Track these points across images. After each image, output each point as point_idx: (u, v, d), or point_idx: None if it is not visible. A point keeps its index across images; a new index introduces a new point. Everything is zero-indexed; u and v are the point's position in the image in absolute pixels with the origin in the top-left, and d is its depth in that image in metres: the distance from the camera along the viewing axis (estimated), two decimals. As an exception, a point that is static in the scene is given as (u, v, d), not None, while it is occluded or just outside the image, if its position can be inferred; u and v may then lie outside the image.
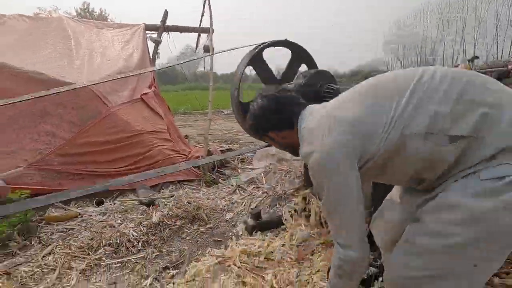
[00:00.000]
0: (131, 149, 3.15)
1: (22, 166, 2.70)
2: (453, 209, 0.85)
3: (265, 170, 3.70)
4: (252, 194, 3.13)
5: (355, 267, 1.02)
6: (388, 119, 0.92)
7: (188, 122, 8.02)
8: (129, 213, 2.63)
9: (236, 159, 4.10)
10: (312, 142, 1.03)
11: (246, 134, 6.53)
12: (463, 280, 0.88)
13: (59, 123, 3.00)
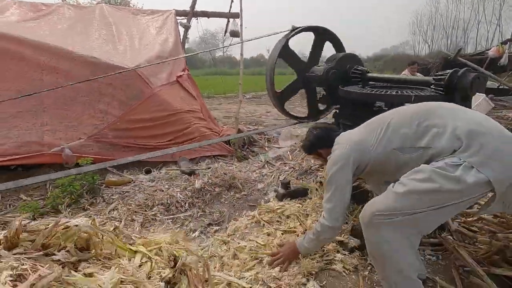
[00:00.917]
0: (171, 126, 3.52)
1: (83, 138, 3.13)
2: (422, 172, 1.26)
3: (290, 148, 3.98)
4: (280, 168, 3.44)
5: (323, 232, 1.59)
6: (374, 140, 1.46)
7: (213, 105, 8.36)
8: (174, 180, 3.02)
9: (263, 138, 4.40)
10: (332, 152, 1.61)
11: (270, 116, 6.80)
12: (410, 217, 1.24)
13: (111, 101, 3.39)
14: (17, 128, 2.97)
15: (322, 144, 1.77)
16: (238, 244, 2.07)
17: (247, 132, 3.99)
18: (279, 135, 4.66)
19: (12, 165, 2.84)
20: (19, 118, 3.02)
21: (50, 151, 2.93)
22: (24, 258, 0.87)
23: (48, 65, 3.20)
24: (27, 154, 2.87)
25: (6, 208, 2.56)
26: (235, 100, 9.05)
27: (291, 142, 4.32)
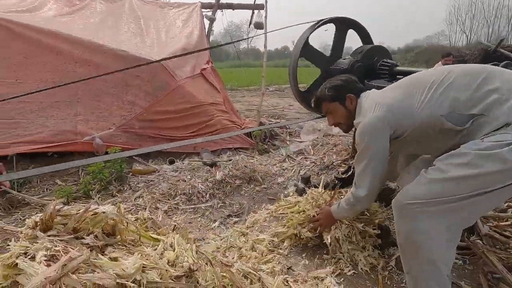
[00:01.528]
0: (195, 118, 3.59)
1: (112, 128, 3.29)
2: (461, 155, 1.13)
3: (312, 143, 3.93)
4: (301, 163, 3.41)
5: (358, 203, 1.52)
6: (418, 103, 1.28)
7: (236, 97, 8.41)
8: (196, 171, 3.09)
9: (284, 131, 4.37)
10: (362, 116, 1.44)
11: (292, 110, 6.73)
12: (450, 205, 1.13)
13: (138, 93, 3.52)
14: (53, 118, 3.18)
15: (339, 96, 1.55)
16: (257, 236, 2.10)
17: (269, 125, 3.98)
18: (301, 129, 4.61)
19: (49, 152, 3.05)
20: (55, 108, 3.23)
21: (83, 140, 3.11)
22: (57, 240, 0.94)
23: (81, 58, 3.37)
24: (62, 142, 3.07)
25: (43, 191, 2.76)
26: (258, 92, 9.03)
27: (313, 136, 4.26)
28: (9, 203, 2.48)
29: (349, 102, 1.55)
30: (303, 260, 1.90)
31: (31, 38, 3.25)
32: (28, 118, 3.09)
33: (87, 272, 0.86)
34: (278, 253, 1.95)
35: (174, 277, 1.01)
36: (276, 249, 1.99)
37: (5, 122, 2.98)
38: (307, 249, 2.01)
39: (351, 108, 1.55)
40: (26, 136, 2.99)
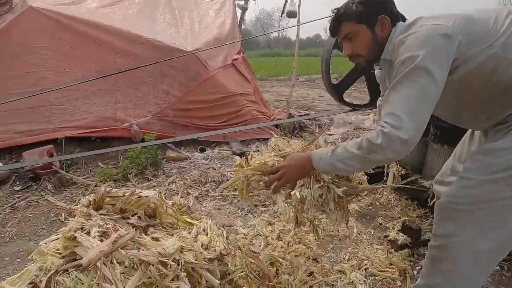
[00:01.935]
0: (225, 108, 3.68)
1: (148, 116, 3.47)
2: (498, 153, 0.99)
3: (342, 136, 3.86)
4: (329, 156, 3.37)
5: (387, 146, 0.93)
6: (493, 30, 0.95)
7: (265, 88, 8.40)
8: (225, 160, 3.19)
9: (313, 123, 4.33)
10: (415, 28, 1.01)
11: (322, 101, 6.60)
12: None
13: (172, 83, 3.66)
14: (96, 105, 3.42)
15: (369, 16, 1.10)
16: (283, 227, 2.16)
17: (298, 117, 3.96)
18: (331, 122, 4.53)
19: (92, 136, 3.30)
20: (97, 96, 3.46)
21: (122, 126, 3.32)
22: (107, 218, 1.05)
23: (121, 49, 3.55)
24: (104, 128, 3.30)
25: (87, 173, 3.02)
26: (287, 83, 8.94)
27: (344, 129, 4.18)
28: (59, 181, 2.75)
29: (380, 26, 1.12)
30: (329, 253, 1.93)
31: (77, 30, 3.48)
32: (75, 105, 3.35)
33: (133, 249, 0.96)
34: (304, 244, 1.99)
35: (207, 259, 1.09)
36: (302, 240, 2.03)
37: (56, 108, 3.27)
38: (334, 242, 2.03)
39: (381, 36, 1.12)
40: (73, 122, 3.26)
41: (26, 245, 2.05)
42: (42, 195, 2.62)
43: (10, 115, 3.17)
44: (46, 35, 3.46)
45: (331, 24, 1.20)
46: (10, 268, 1.84)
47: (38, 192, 2.65)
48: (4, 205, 2.47)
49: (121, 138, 3.33)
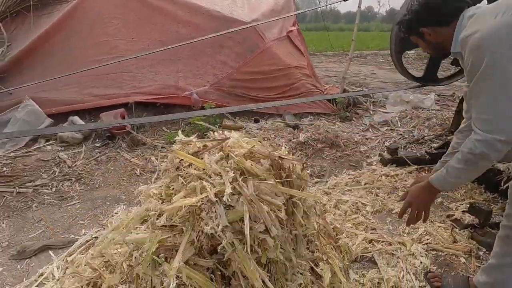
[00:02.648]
0: (280, 80, 3.69)
1: (206, 86, 3.64)
2: None
3: (400, 115, 3.68)
4: (386, 134, 3.27)
5: (490, 152, 0.97)
6: None
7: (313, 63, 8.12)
8: (279, 132, 3.27)
9: (368, 100, 4.17)
10: (476, 25, 1.03)
11: (375, 79, 6.26)
12: None
13: (229, 53, 3.75)
14: (160, 73, 3.65)
15: (430, 19, 1.19)
16: (340, 197, 2.21)
17: (353, 92, 3.85)
18: (386, 100, 4.32)
19: (157, 102, 3.57)
20: (162, 65, 3.69)
21: (183, 94, 3.53)
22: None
23: (183, 19, 3.69)
24: (167, 95, 3.54)
25: (154, 135, 3.31)
26: (336, 58, 8.56)
27: (401, 107, 3.97)
28: (132, 141, 3.07)
29: (428, 36, 1.22)
30: (387, 226, 1.95)
31: (144, 1, 3.67)
32: (142, 73, 3.62)
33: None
34: (362, 215, 2.03)
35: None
36: (359, 211, 2.08)
37: (127, 75, 3.57)
38: (392, 216, 2.04)
39: (434, 41, 1.22)
40: (141, 88, 3.54)
41: (112, 192, 2.38)
42: (119, 152, 2.96)
43: (89, 80, 3.54)
44: (117, 7, 3.71)
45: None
46: (103, 208, 2.18)
47: (115, 149, 3.00)
48: (90, 158, 2.86)
49: (182, 105, 3.56)
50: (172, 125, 3.49)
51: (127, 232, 1.04)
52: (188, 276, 0.91)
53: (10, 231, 1.99)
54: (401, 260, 1.67)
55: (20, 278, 1.61)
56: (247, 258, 0.92)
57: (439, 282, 1.50)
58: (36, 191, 2.39)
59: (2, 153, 2.94)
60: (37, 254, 1.77)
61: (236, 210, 0.96)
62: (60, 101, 3.40)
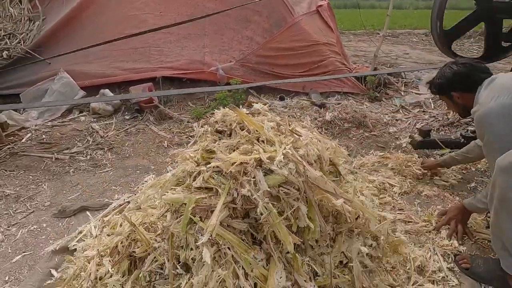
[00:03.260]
0: (307, 57, 3.58)
1: (232, 62, 3.60)
2: None
3: (434, 96, 3.48)
4: (418, 116, 3.13)
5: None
6: None
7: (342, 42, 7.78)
8: (305, 110, 3.21)
9: (399, 81, 3.97)
10: (481, 104, 1.33)
11: (407, 59, 5.92)
12: None
13: (256, 29, 3.66)
14: (187, 48, 3.65)
15: (459, 85, 1.49)
16: (367, 176, 2.17)
17: (385, 70, 3.67)
18: (419, 81, 4.09)
19: (183, 78, 3.60)
20: (188, 40, 3.68)
21: (209, 70, 3.53)
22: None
23: (209, -8, 3.62)
24: (193, 70, 3.55)
25: (180, 110, 3.37)
26: (367, 37, 8.14)
27: (435, 89, 3.75)
28: (159, 115, 3.15)
29: (456, 98, 1.52)
30: (415, 207, 1.91)
31: (172, -27, 3.62)
32: (169, 47, 3.64)
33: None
34: (389, 195, 1.99)
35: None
36: (386, 191, 2.04)
37: (154, 49, 3.60)
38: (420, 198, 1.99)
39: (461, 103, 1.52)
40: (167, 63, 3.57)
41: (141, 162, 2.48)
42: (147, 125, 3.05)
43: (118, 54, 3.61)
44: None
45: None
46: (133, 176, 2.28)
47: (143, 122, 3.10)
48: (120, 130, 2.97)
49: (207, 81, 3.56)
50: (198, 100, 3.52)
51: (164, 191, 1.08)
52: (222, 236, 0.94)
53: (51, 192, 2.15)
54: (429, 241, 1.64)
55: (62, 234, 1.75)
56: (281, 222, 0.93)
57: (468, 264, 1.47)
58: (73, 158, 2.54)
59: (41, 122, 3.12)
60: (76, 214, 1.90)
61: (274, 175, 0.97)
62: (92, 74, 3.50)
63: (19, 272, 1.53)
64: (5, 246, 1.69)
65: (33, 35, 3.84)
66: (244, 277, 0.92)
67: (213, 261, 0.93)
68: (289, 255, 1.02)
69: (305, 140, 1.26)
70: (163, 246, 1.09)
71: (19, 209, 1.98)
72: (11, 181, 2.25)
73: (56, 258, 1.53)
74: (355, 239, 1.19)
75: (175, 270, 1.03)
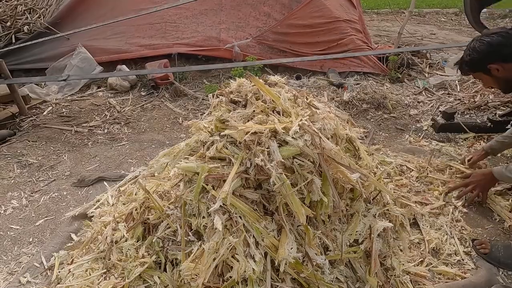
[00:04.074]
0: (327, 34, 3.43)
1: (248, 39, 3.51)
2: None
3: (460, 78, 3.29)
4: (442, 98, 2.97)
5: None
6: None
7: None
8: (322, 89, 3.12)
9: (424, 62, 3.76)
10: None
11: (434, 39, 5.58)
12: None
13: (274, 4, 3.52)
14: (203, 24, 3.58)
15: (497, 56, 1.35)
16: (383, 159, 2.11)
17: (410, 47, 3.48)
18: (445, 62, 3.86)
19: (199, 54, 3.56)
20: (204, 15, 3.60)
21: (224, 47, 3.46)
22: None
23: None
24: (209, 47, 3.50)
25: (195, 87, 3.35)
26: (391, 16, 7.71)
27: (462, 71, 3.53)
28: (174, 91, 3.15)
29: (495, 71, 1.39)
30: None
31: None
32: (185, 23, 3.58)
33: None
34: (406, 177, 1.93)
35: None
36: (403, 174, 1.98)
37: (170, 25, 3.55)
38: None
39: (502, 75, 1.38)
40: (183, 39, 3.53)
41: (156, 137, 2.51)
42: (162, 101, 3.06)
43: (134, 30, 3.60)
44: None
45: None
46: (149, 150, 2.32)
47: (159, 99, 3.11)
48: (136, 105, 3.00)
49: (223, 58, 3.50)
50: (213, 78, 3.49)
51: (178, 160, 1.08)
52: (234, 204, 0.94)
53: (71, 163, 2.22)
54: (445, 224, 1.59)
55: (81, 202, 1.82)
56: (294, 193, 0.91)
57: (486, 249, 1.42)
58: (91, 131, 2.61)
59: (61, 96, 3.19)
60: (94, 184, 1.97)
61: (289, 147, 0.95)
62: (109, 50, 3.52)
63: (42, 235, 1.61)
64: (29, 210, 1.79)
65: (52, 9, 3.87)
66: (255, 246, 0.92)
67: (224, 229, 0.93)
68: (301, 227, 1.01)
69: (322, 114, 1.22)
70: (176, 214, 1.11)
71: (41, 177, 2.07)
72: (34, 151, 2.34)
73: (75, 223, 1.60)
74: (371, 217, 1.16)
75: (187, 237, 1.05)
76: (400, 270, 1.27)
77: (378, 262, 1.19)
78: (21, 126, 2.68)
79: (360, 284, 1.18)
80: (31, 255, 1.48)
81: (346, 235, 1.10)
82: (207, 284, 0.93)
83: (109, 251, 1.19)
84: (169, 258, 1.11)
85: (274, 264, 0.97)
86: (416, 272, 1.32)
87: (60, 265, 1.34)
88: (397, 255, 1.36)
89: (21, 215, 1.75)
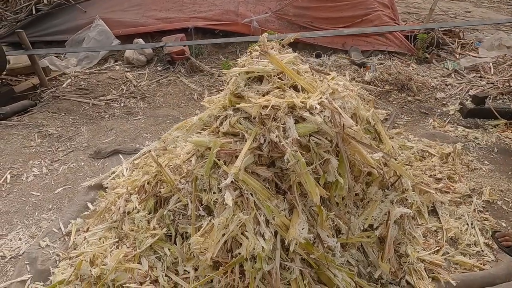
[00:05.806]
0: (351, 9, 3.23)
1: (268, 13, 3.36)
2: None
3: (495, 61, 3.04)
4: (472, 82, 2.77)
5: None
6: None
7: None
8: (342, 69, 2.97)
9: (456, 42, 3.49)
10: None
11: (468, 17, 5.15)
12: None
13: (297, -24, 3.31)
14: (220, -3, 3.44)
15: None
16: (404, 143, 2.01)
17: (441, 23, 3.23)
18: (479, 44, 3.56)
19: (216, 29, 3.45)
20: (222, -13, 3.45)
21: (242, 22, 3.33)
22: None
23: None
24: (226, 22, 3.38)
25: (211, 63, 3.29)
26: (421, -8, 7.14)
27: (498, 53, 3.25)
28: (190, 67, 3.10)
29: None
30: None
31: None
32: (203, -4, 3.45)
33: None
34: (425, 164, 1.84)
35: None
36: (424, 159, 1.88)
37: (187, -2, 3.44)
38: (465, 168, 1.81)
39: None
40: (201, 13, 3.42)
41: (171, 112, 2.50)
42: (178, 77, 3.03)
43: (151, 3, 3.52)
44: None
45: None
46: (163, 125, 2.32)
47: (175, 74, 3.07)
48: (152, 80, 2.98)
49: (240, 33, 3.38)
50: (229, 54, 3.40)
51: (190, 134, 1.06)
52: (245, 181, 0.91)
53: (88, 135, 2.27)
54: (466, 213, 1.51)
55: (97, 172, 1.87)
56: (308, 172, 0.87)
57: (509, 242, 1.35)
58: (108, 105, 2.63)
59: (80, 69, 3.22)
60: (110, 156, 2.00)
61: (306, 124, 0.89)
62: (126, 23, 3.47)
63: (61, 202, 1.67)
64: (48, 178, 1.85)
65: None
66: (265, 224, 0.90)
67: (234, 206, 0.91)
68: (314, 208, 0.98)
69: (343, 93, 1.15)
70: (187, 188, 1.10)
71: (60, 148, 2.12)
72: (53, 122, 2.40)
73: (91, 193, 1.64)
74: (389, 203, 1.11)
75: (197, 211, 1.04)
76: (414, 257, 1.23)
77: (392, 248, 1.15)
78: (41, 97, 2.74)
79: (371, 268, 1.15)
80: (50, 220, 1.54)
81: (361, 219, 1.05)
82: (215, 259, 0.92)
83: (121, 221, 1.21)
84: (179, 231, 1.12)
85: (284, 243, 0.95)
86: (431, 261, 1.27)
87: (76, 232, 1.39)
88: (412, 242, 1.32)
89: (42, 183, 1.81)
